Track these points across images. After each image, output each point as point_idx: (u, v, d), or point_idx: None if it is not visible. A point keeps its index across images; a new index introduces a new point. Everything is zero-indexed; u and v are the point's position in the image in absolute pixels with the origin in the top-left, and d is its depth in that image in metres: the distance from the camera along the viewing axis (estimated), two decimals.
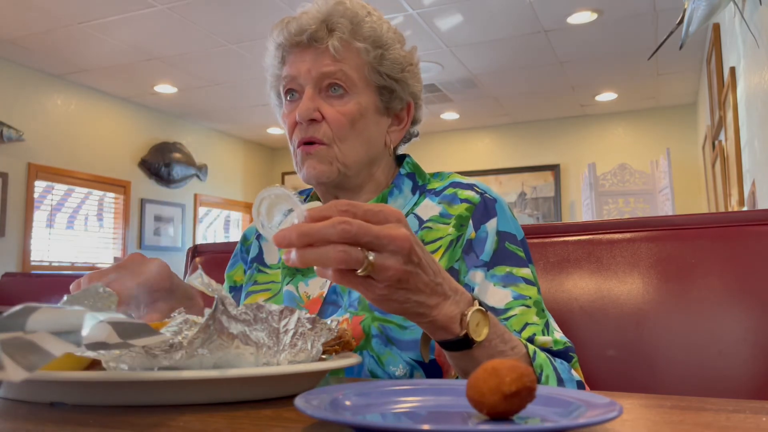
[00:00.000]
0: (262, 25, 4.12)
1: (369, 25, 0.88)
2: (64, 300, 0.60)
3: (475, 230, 0.86)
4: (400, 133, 0.95)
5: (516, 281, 0.83)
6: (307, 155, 0.87)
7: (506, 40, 4.45)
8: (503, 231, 0.86)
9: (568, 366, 0.77)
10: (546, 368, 0.72)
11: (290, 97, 0.90)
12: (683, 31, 2.31)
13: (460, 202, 0.88)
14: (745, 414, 0.47)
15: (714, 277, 0.95)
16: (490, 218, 0.86)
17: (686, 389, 0.91)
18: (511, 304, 0.81)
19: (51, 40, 4.37)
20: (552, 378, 0.72)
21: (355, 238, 0.54)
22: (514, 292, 0.82)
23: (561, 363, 0.76)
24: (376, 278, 0.56)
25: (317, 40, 0.86)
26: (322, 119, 0.86)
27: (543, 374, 0.71)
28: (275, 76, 0.93)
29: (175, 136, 6.39)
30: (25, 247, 4.88)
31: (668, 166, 4.99)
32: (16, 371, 0.38)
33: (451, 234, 0.86)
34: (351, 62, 0.86)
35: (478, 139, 6.99)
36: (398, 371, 0.78)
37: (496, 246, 0.85)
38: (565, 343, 0.80)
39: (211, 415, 0.48)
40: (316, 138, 0.86)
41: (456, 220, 0.87)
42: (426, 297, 0.60)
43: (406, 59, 0.92)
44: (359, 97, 0.87)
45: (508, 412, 0.40)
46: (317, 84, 0.87)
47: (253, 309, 0.55)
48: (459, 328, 0.63)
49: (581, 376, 0.79)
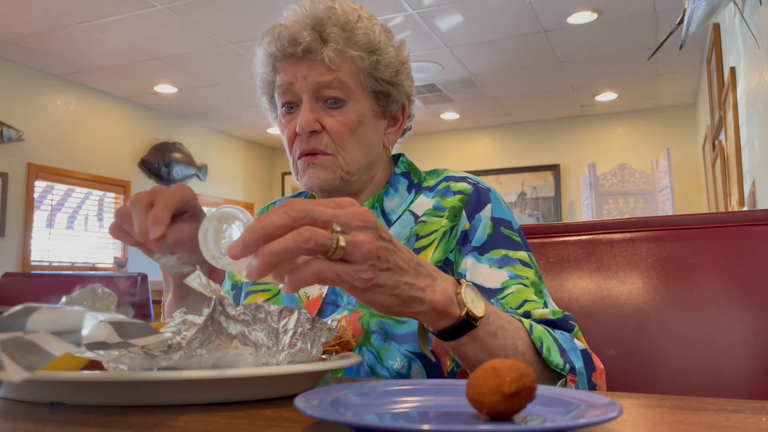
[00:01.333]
0: (262, 25, 4.10)
1: (362, 31, 0.86)
2: (63, 300, 0.60)
3: (470, 220, 0.86)
4: (396, 134, 0.95)
5: (512, 262, 0.83)
6: (309, 165, 0.86)
7: (506, 40, 4.45)
8: (498, 217, 0.87)
9: (570, 336, 0.75)
10: (546, 339, 0.69)
11: (288, 108, 0.89)
12: (683, 31, 2.30)
13: (453, 195, 0.88)
14: (745, 414, 0.47)
15: (714, 277, 0.95)
16: (484, 207, 0.87)
17: (686, 389, 0.91)
18: (507, 283, 0.80)
19: (51, 40, 4.37)
20: (554, 349, 0.69)
21: (313, 221, 0.51)
22: (510, 272, 0.82)
23: (561, 334, 0.74)
24: (354, 259, 0.52)
25: (311, 52, 0.85)
26: (323, 130, 0.86)
27: (543, 346, 0.68)
28: (266, 82, 0.93)
29: (175, 136, 6.39)
30: (25, 247, 4.88)
31: (668, 166, 4.99)
32: (16, 371, 0.38)
33: (445, 226, 0.86)
34: (346, 70, 0.86)
35: (478, 139, 6.99)
36: (396, 364, 0.78)
37: (491, 231, 0.85)
38: (564, 312, 0.78)
39: (211, 415, 0.48)
40: (318, 149, 0.86)
41: (449, 211, 0.87)
42: (413, 278, 0.57)
43: (399, 60, 0.91)
44: (357, 104, 0.87)
45: (508, 412, 0.40)
46: (314, 93, 0.86)
47: (251, 309, 0.55)
48: (458, 308, 0.60)
49: (585, 344, 0.76)
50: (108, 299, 0.62)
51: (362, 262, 0.52)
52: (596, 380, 0.72)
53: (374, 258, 0.53)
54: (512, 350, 0.66)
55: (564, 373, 0.68)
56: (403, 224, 0.89)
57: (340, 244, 0.51)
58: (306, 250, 0.50)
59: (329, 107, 0.86)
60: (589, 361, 0.72)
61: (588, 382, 0.71)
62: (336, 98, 0.86)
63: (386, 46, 0.89)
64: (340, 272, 0.52)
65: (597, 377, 0.72)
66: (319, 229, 0.50)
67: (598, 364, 0.74)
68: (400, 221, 0.89)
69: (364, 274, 0.53)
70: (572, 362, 0.69)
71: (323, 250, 0.51)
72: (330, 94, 0.85)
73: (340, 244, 0.51)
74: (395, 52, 0.90)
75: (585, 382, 0.70)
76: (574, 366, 0.69)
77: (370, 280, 0.53)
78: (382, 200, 0.92)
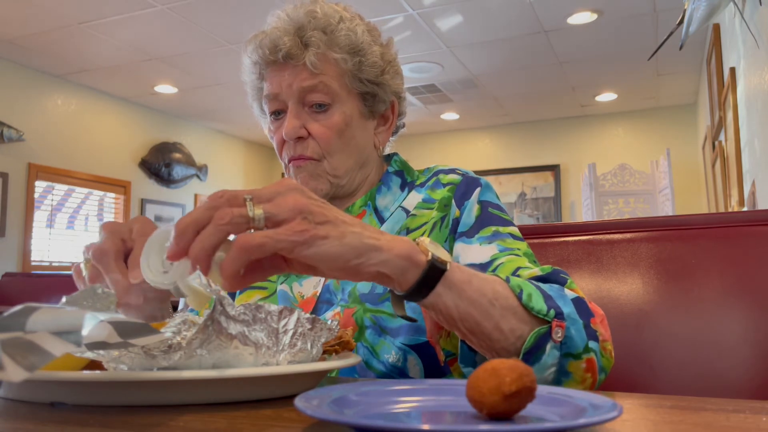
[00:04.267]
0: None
1: (344, 33, 0.86)
2: (63, 300, 0.60)
3: (459, 208, 0.86)
4: (387, 133, 0.95)
5: (502, 236, 0.82)
6: (298, 168, 0.87)
7: (506, 40, 4.45)
8: (485, 200, 0.87)
9: (559, 287, 0.70)
10: (525, 287, 0.64)
11: (275, 115, 0.90)
12: (683, 32, 2.31)
13: (443, 187, 0.89)
14: (745, 414, 0.47)
15: (714, 277, 0.95)
16: (472, 193, 0.87)
17: (686, 389, 0.91)
18: (496, 256, 0.79)
19: (51, 40, 4.37)
20: (536, 295, 0.64)
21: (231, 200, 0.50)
22: (500, 245, 0.80)
23: (550, 286, 0.69)
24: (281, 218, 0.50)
25: (293, 57, 0.85)
26: (309, 136, 0.86)
27: (524, 293, 0.63)
28: (255, 89, 0.93)
29: (175, 136, 6.39)
30: (26, 247, 4.88)
31: (668, 166, 4.99)
32: (16, 371, 0.38)
33: (435, 217, 0.86)
34: (330, 73, 0.86)
35: (478, 139, 6.99)
36: (391, 358, 0.78)
37: (478, 212, 0.85)
38: (554, 267, 0.74)
39: (211, 415, 0.48)
40: (305, 156, 0.86)
41: (439, 203, 0.87)
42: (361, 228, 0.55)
43: (385, 59, 0.91)
44: (343, 107, 0.87)
45: (508, 412, 0.40)
46: (300, 99, 0.86)
47: (252, 309, 0.55)
48: (422, 254, 0.57)
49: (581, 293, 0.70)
50: (108, 299, 0.62)
51: (291, 218, 0.51)
52: (595, 326, 0.67)
53: (305, 212, 0.51)
54: (492, 294, 0.62)
55: (548, 318, 0.63)
56: (395, 221, 0.89)
57: (256, 211, 0.50)
58: (227, 227, 0.49)
59: (315, 112, 0.86)
60: (583, 308, 0.67)
61: (585, 328, 0.66)
62: (321, 103, 0.86)
63: (370, 46, 0.88)
64: (269, 234, 0.50)
65: (596, 323, 0.67)
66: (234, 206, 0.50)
67: (597, 311, 0.69)
68: (392, 218, 0.89)
69: (298, 226, 0.50)
70: (558, 307, 0.64)
71: (244, 221, 0.50)
72: (314, 99, 0.86)
73: (256, 211, 0.50)
74: (380, 51, 0.90)
75: (580, 328, 0.65)
76: (561, 311, 0.64)
77: (305, 231, 0.51)
78: (374, 198, 0.92)
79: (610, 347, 0.69)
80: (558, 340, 0.64)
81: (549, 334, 0.63)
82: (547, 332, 0.63)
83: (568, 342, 0.64)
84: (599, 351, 0.67)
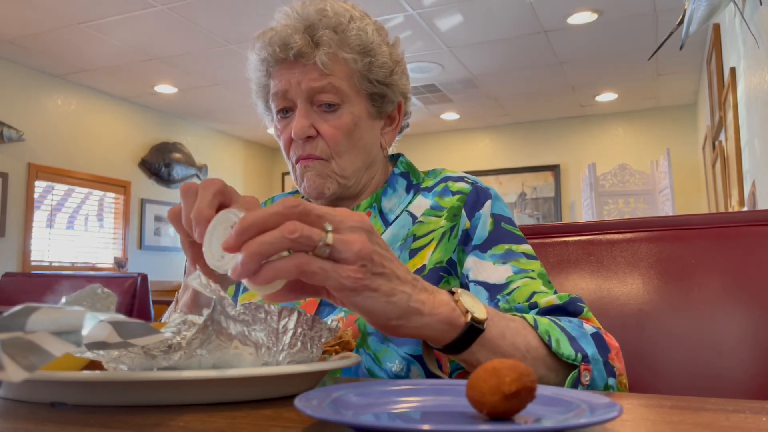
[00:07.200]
0: (262, 25, 4.10)
1: (355, 33, 0.85)
2: (63, 300, 0.60)
3: (470, 219, 0.86)
4: (393, 133, 0.95)
5: (516, 256, 0.82)
6: (306, 168, 0.87)
7: (506, 40, 4.45)
8: (498, 213, 0.86)
9: (579, 321, 0.71)
10: (553, 331, 0.66)
11: (283, 113, 0.89)
12: (683, 32, 2.30)
13: (452, 195, 0.88)
14: (745, 414, 0.47)
15: (714, 278, 0.95)
16: (483, 204, 0.86)
17: (686, 389, 0.91)
18: (512, 278, 0.79)
19: (51, 40, 4.37)
20: (563, 339, 0.66)
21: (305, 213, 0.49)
22: (515, 267, 0.81)
23: (569, 321, 0.70)
24: (343, 257, 0.50)
25: (303, 56, 0.84)
26: (317, 135, 0.86)
27: (552, 339, 0.65)
28: (261, 86, 0.92)
29: (175, 136, 6.39)
30: (25, 247, 4.88)
31: (668, 166, 4.99)
32: (16, 371, 0.38)
33: (444, 226, 0.86)
34: (340, 73, 0.85)
35: (478, 139, 6.99)
36: (395, 367, 0.77)
37: (491, 227, 0.85)
38: (571, 295, 0.75)
39: (211, 415, 0.48)
40: (313, 155, 0.86)
41: (448, 211, 0.87)
42: (411, 289, 0.55)
43: (393, 59, 0.90)
44: (352, 107, 0.86)
45: (508, 412, 0.40)
46: (308, 99, 0.85)
47: (251, 309, 0.55)
48: (462, 316, 0.57)
49: (597, 324, 0.72)
50: (108, 299, 0.62)
51: (352, 261, 0.50)
52: (613, 362, 0.68)
53: (367, 259, 0.51)
54: (524, 346, 0.63)
55: (577, 363, 0.65)
56: (400, 225, 0.88)
57: (327, 241, 0.49)
58: (291, 242, 0.48)
59: (324, 111, 0.86)
60: (602, 344, 0.69)
61: (605, 366, 0.67)
62: (330, 103, 0.85)
63: (379, 46, 0.88)
64: (326, 267, 0.50)
65: (613, 358, 0.69)
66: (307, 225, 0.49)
67: (612, 343, 0.71)
68: (398, 222, 0.89)
69: (354, 273, 0.50)
70: (583, 350, 0.66)
71: (309, 243, 0.49)
72: (324, 99, 0.85)
73: (327, 241, 0.49)
74: (389, 51, 0.89)
75: (601, 368, 0.67)
76: (586, 354, 0.66)
77: (359, 280, 0.51)
78: (380, 200, 0.91)
79: (625, 381, 0.70)
80: (586, 383, 0.65)
81: (579, 378, 0.65)
82: (578, 377, 0.65)
83: (591, 383, 0.66)
84: (616, 386, 0.68)
